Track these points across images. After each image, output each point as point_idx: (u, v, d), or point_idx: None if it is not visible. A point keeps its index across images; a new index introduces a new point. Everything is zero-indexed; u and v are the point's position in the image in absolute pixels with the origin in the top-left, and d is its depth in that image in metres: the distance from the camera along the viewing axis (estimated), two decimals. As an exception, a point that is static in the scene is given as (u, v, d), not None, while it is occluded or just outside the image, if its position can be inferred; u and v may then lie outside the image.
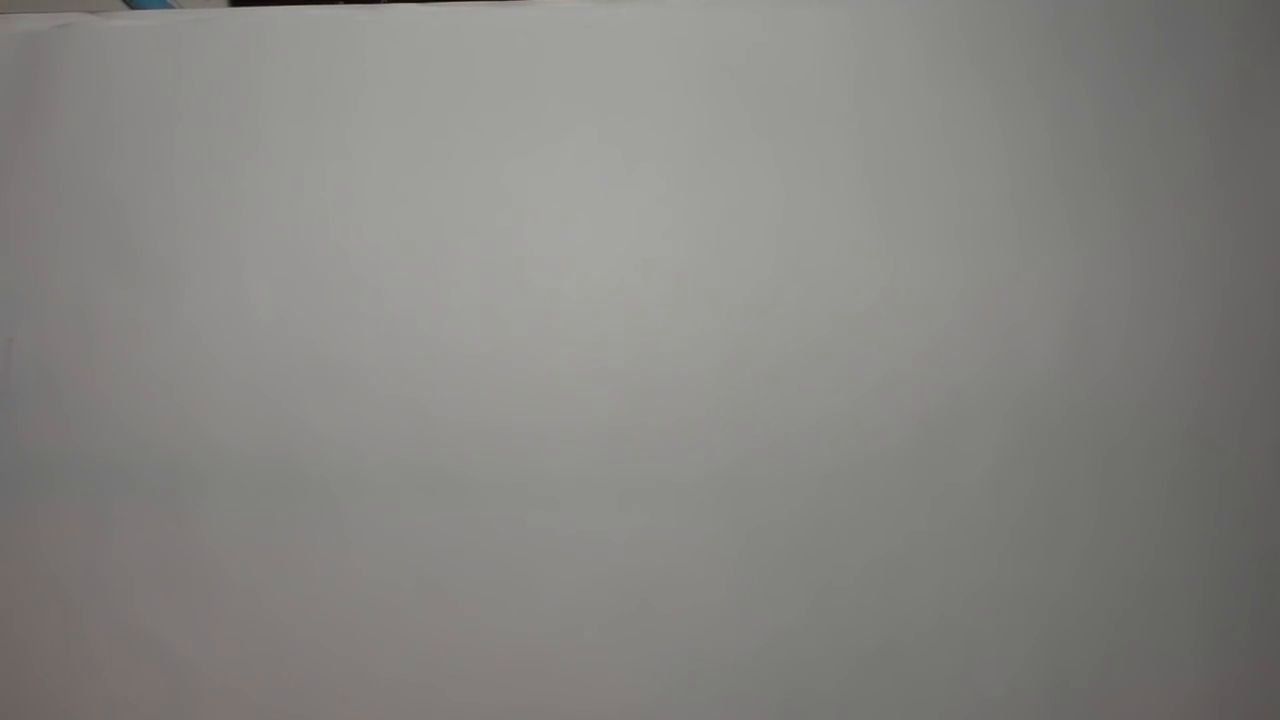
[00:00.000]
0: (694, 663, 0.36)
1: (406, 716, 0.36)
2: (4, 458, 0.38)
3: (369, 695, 0.37)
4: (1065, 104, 0.38)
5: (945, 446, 0.36)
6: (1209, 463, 0.36)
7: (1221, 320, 0.37)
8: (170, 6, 0.60)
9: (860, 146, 0.38)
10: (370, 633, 0.37)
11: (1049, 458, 0.36)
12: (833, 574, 0.36)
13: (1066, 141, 0.38)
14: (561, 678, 0.36)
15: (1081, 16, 0.38)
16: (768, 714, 0.36)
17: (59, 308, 0.38)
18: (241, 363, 0.38)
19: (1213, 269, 0.37)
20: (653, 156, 0.38)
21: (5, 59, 0.39)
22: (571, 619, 0.36)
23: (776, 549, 0.36)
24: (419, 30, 0.39)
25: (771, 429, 0.37)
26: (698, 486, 0.37)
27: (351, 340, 0.38)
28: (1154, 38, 0.38)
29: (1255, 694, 0.24)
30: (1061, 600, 0.36)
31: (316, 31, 0.39)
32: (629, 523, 0.37)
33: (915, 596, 0.36)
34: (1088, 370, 0.37)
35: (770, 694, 0.36)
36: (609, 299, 0.38)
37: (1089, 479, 0.36)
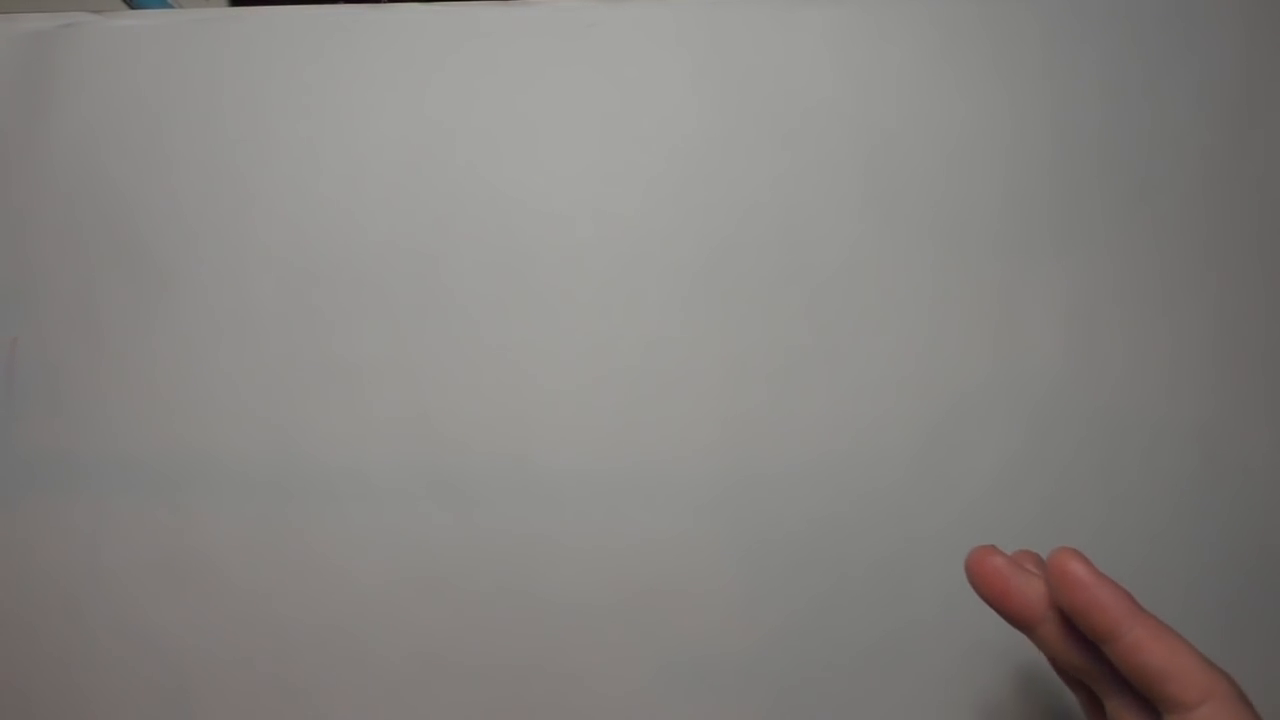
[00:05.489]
0: (695, 661, 0.36)
1: (406, 716, 0.36)
2: (5, 457, 0.38)
3: (369, 694, 0.37)
4: (1068, 105, 0.38)
5: (948, 446, 0.36)
6: (1210, 463, 0.36)
7: (1224, 321, 0.37)
8: (170, 7, 0.60)
9: (864, 147, 0.38)
10: (370, 632, 0.37)
11: (1051, 458, 0.36)
12: (835, 573, 0.36)
13: (1069, 143, 0.38)
14: (562, 676, 0.36)
15: (1086, 18, 0.38)
16: (769, 712, 0.36)
17: (62, 307, 0.38)
18: (243, 363, 0.38)
19: (1215, 269, 0.37)
20: (656, 156, 0.38)
21: (9, 58, 0.39)
22: (572, 618, 0.36)
23: (778, 548, 0.36)
24: (420, 30, 0.39)
25: (774, 429, 0.37)
26: (700, 486, 0.37)
27: (354, 340, 0.38)
28: (1159, 40, 0.38)
29: (1255, 694, 0.24)
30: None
31: (317, 31, 0.39)
32: (630, 523, 0.37)
33: (917, 596, 0.36)
34: (1090, 371, 0.37)
35: (771, 692, 0.36)
36: (612, 299, 0.38)
37: (1091, 479, 0.36)
